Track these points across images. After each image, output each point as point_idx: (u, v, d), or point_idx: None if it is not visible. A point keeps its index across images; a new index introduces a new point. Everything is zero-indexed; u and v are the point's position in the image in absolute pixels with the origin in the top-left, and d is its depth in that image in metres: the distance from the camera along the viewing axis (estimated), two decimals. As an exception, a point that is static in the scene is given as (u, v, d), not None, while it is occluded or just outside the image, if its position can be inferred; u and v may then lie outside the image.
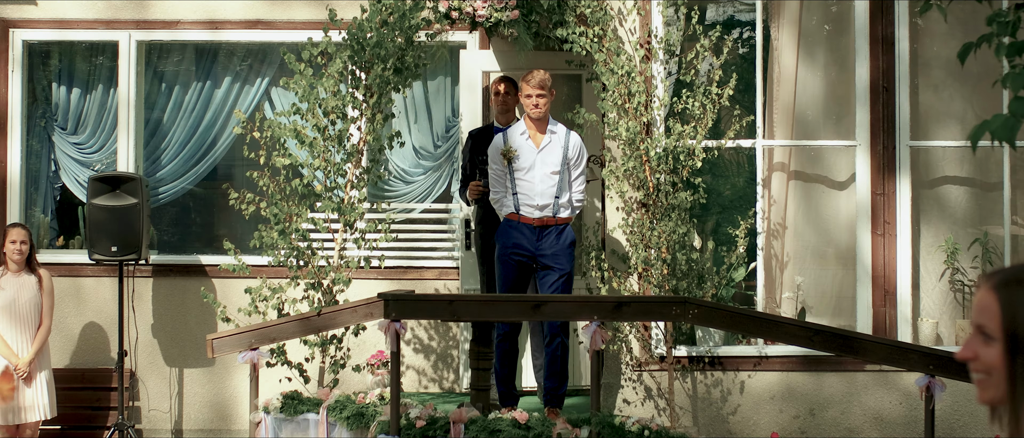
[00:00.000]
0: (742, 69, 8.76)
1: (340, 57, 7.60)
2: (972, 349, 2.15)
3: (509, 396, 7.63)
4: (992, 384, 2.13)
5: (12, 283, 7.97)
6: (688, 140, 7.80)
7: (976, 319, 2.15)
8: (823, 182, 8.45)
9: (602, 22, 7.75)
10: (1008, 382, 2.10)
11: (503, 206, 7.53)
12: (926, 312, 8.31)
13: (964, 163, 8.38)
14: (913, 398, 7.69)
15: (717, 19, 9.83)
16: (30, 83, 9.06)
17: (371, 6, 7.64)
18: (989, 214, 8.39)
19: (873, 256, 8.08)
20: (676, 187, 7.82)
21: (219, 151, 9.15)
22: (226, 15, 8.87)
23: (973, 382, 2.18)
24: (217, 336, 7.09)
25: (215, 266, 8.49)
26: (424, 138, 9.17)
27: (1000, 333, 2.11)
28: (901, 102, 8.12)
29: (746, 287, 8.60)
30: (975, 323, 2.15)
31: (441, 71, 9.17)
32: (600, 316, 6.77)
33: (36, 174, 9.14)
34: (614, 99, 7.77)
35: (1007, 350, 2.10)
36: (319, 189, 7.68)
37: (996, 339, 2.12)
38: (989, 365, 2.13)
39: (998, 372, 2.12)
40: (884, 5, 8.12)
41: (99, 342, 8.86)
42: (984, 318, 2.13)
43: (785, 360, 8.00)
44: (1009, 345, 2.10)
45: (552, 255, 7.44)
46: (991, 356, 2.13)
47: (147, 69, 9.09)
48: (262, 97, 9.11)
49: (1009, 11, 4.99)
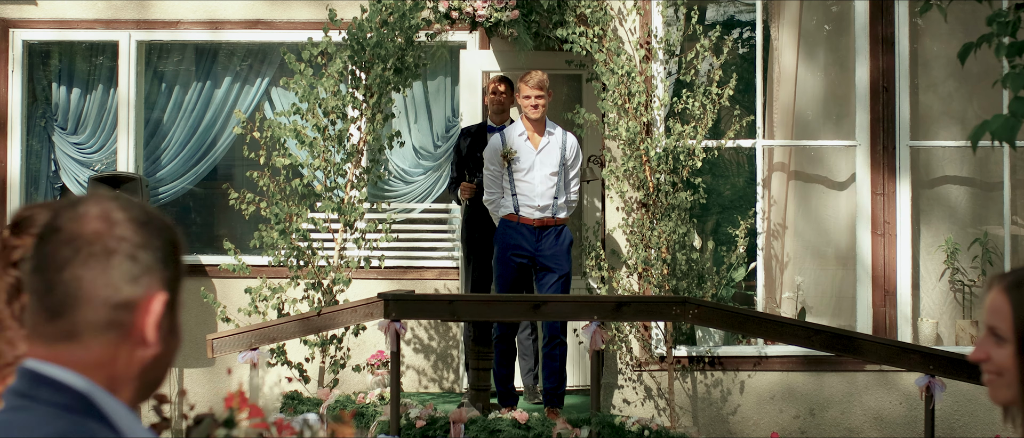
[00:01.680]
0: (742, 69, 8.76)
1: (340, 57, 7.60)
2: (984, 350, 2.16)
3: (509, 396, 7.63)
4: (1004, 384, 2.14)
5: (12, 283, 7.97)
6: (688, 140, 7.80)
7: (988, 320, 2.15)
8: (823, 182, 8.45)
9: (602, 22, 7.75)
10: (1020, 383, 2.11)
11: (500, 207, 7.52)
12: (926, 312, 8.32)
13: (964, 163, 8.38)
14: (913, 398, 7.69)
15: (717, 19, 9.84)
16: (30, 83, 9.06)
17: (371, 6, 7.64)
18: (989, 214, 8.39)
19: (873, 256, 8.08)
20: (676, 187, 7.82)
21: (219, 151, 9.15)
22: (226, 15, 8.87)
23: (985, 383, 2.18)
24: (217, 336, 7.09)
25: (215, 266, 8.49)
26: (424, 138, 9.17)
27: (1012, 334, 2.12)
28: (901, 102, 8.12)
29: (746, 287, 8.61)
30: (987, 324, 2.16)
31: (441, 71, 9.17)
32: (600, 316, 6.77)
33: (36, 174, 9.14)
34: (614, 99, 7.77)
35: (1019, 351, 2.11)
36: (319, 189, 7.68)
37: (1008, 340, 2.12)
38: (1001, 366, 2.13)
39: (1010, 373, 2.12)
40: (884, 5, 8.12)
41: (99, 342, 8.86)
42: (996, 319, 2.14)
43: (785, 360, 8.00)
44: (1021, 346, 2.10)
45: (551, 256, 7.44)
46: (1003, 357, 2.13)
47: (147, 69, 9.09)
48: (262, 97, 9.11)
49: (1009, 11, 4.99)
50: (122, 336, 1.64)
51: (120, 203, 1.67)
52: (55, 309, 1.62)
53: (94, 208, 1.64)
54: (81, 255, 1.62)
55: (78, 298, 1.62)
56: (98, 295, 1.62)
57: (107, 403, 1.62)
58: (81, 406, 1.60)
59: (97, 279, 1.62)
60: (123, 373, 1.64)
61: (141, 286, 1.64)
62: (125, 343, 1.64)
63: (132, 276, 1.63)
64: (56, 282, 1.62)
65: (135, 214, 1.66)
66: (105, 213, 1.64)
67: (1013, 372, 2.11)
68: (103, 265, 1.62)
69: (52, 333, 1.63)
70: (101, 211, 1.64)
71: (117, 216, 1.65)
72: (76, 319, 1.62)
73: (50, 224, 1.65)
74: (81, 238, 1.63)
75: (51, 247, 1.63)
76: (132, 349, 1.64)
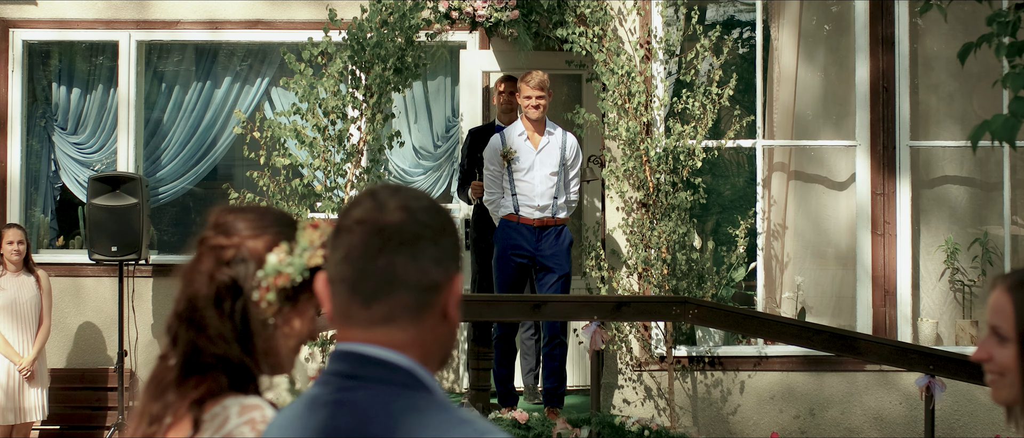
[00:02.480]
0: (742, 69, 8.76)
1: (340, 57, 7.60)
2: (987, 350, 2.16)
3: (509, 396, 7.63)
4: (1006, 384, 2.14)
5: (12, 284, 7.97)
6: (688, 140, 7.80)
7: (991, 320, 2.15)
8: (823, 182, 8.45)
9: (602, 22, 7.75)
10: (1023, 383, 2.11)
11: (500, 207, 7.53)
12: (926, 312, 8.32)
13: (964, 163, 8.38)
14: (913, 398, 7.69)
15: (717, 19, 9.84)
16: (30, 83, 9.06)
17: (371, 6, 7.64)
18: (989, 214, 8.39)
19: (873, 256, 8.08)
20: (676, 187, 7.82)
21: (219, 151, 9.15)
22: (226, 15, 8.86)
23: (987, 383, 2.18)
24: (217, 336, 7.08)
25: (215, 266, 8.48)
26: (424, 138, 9.17)
27: (1014, 334, 2.12)
28: (901, 102, 8.12)
29: (746, 287, 8.61)
30: (990, 324, 2.16)
31: (441, 71, 9.17)
32: (600, 316, 6.77)
33: (36, 174, 9.14)
34: (614, 99, 7.77)
35: (1022, 351, 2.11)
36: (319, 189, 7.68)
37: (1010, 340, 2.13)
38: (1003, 366, 2.14)
39: (1012, 373, 2.12)
40: (884, 5, 8.12)
41: (99, 342, 8.86)
42: (999, 319, 2.14)
43: (785, 360, 8.00)
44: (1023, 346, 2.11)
45: (551, 256, 7.44)
46: (1006, 357, 2.13)
47: (147, 69, 9.09)
48: (262, 97, 9.11)
49: (1009, 11, 4.99)
50: (431, 315, 1.77)
51: (412, 193, 1.79)
52: (370, 295, 1.76)
53: (392, 200, 1.78)
54: (391, 243, 1.75)
55: (392, 283, 1.75)
56: (410, 279, 1.75)
57: (426, 378, 1.77)
58: (411, 382, 1.75)
59: (408, 264, 1.75)
60: (431, 349, 1.78)
61: (443, 268, 1.78)
62: (433, 322, 1.78)
63: (436, 260, 1.77)
64: (369, 270, 1.75)
65: (427, 203, 1.80)
66: (404, 203, 1.78)
67: (1016, 372, 2.12)
68: (412, 251, 1.75)
69: (368, 318, 1.76)
70: (400, 202, 1.78)
71: (414, 205, 1.78)
72: (392, 303, 1.75)
73: (355, 218, 1.77)
74: (389, 227, 1.75)
75: (359, 238, 1.76)
76: (437, 327, 1.78)
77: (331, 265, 1.80)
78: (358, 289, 1.76)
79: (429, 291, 1.76)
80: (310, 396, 1.81)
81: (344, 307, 1.78)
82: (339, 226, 1.80)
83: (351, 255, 1.76)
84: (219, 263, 2.12)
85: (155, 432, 2.07)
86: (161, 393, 2.11)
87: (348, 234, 1.77)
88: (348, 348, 1.78)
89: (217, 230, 2.16)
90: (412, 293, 1.76)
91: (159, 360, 2.16)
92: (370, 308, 1.76)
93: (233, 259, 2.11)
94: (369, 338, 1.76)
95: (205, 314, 2.10)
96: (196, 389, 2.07)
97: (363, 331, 1.77)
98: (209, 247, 2.14)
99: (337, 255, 1.78)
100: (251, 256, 2.10)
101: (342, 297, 1.78)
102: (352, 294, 1.76)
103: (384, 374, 1.75)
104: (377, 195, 1.79)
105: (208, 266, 2.13)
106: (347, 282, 1.77)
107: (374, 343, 1.76)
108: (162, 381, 2.12)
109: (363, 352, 1.76)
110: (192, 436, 2.03)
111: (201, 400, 2.05)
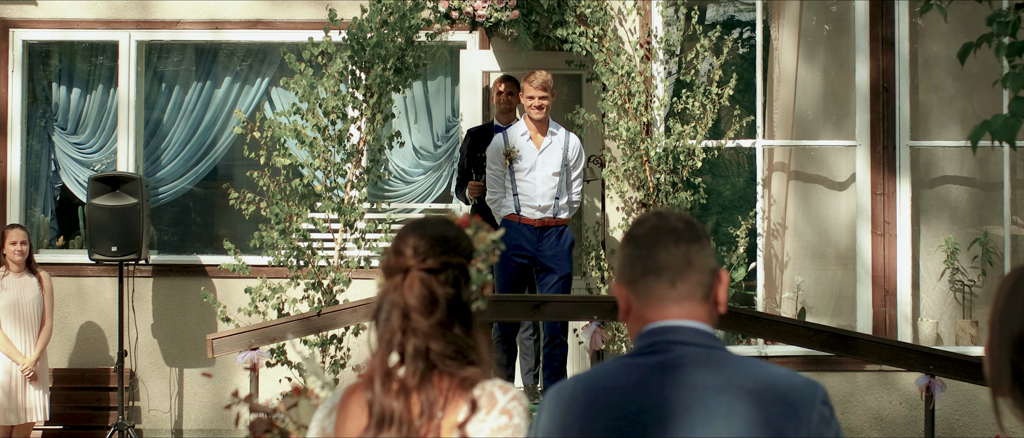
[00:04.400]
0: (742, 69, 8.76)
1: (340, 57, 7.60)
2: None
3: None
4: None
5: (14, 284, 7.97)
6: (688, 140, 7.80)
7: None
8: (823, 182, 8.45)
9: (602, 22, 7.75)
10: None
11: (501, 207, 7.53)
12: (926, 312, 8.32)
13: (964, 163, 8.38)
14: (913, 398, 7.69)
15: (717, 19, 9.84)
16: (30, 83, 9.06)
17: (371, 6, 7.64)
18: (989, 214, 8.39)
19: (873, 256, 8.08)
20: (676, 187, 7.82)
21: (219, 151, 9.15)
22: (226, 15, 8.87)
23: None
24: (217, 336, 7.09)
25: (215, 266, 8.49)
26: (424, 138, 9.17)
27: None
28: (901, 102, 8.12)
29: (746, 287, 8.61)
30: None
31: (441, 71, 9.17)
32: (600, 316, 6.77)
33: (36, 174, 9.14)
34: (614, 99, 7.77)
35: None
36: (319, 189, 7.67)
37: None
38: None
39: None
40: (884, 5, 8.12)
41: (99, 342, 8.86)
42: None
43: (785, 360, 8.00)
44: None
45: (552, 256, 7.44)
46: None
47: (147, 69, 9.09)
48: (262, 97, 9.11)
49: (1009, 11, 4.99)
50: (711, 297, 2.24)
51: (680, 212, 2.28)
52: (675, 278, 2.22)
53: (673, 214, 2.28)
54: (685, 238, 2.23)
55: (692, 268, 2.22)
56: (705, 266, 2.23)
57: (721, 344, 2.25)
58: (721, 345, 2.23)
59: (701, 254, 2.23)
60: (711, 323, 2.24)
61: (715, 261, 2.27)
62: (712, 303, 2.25)
63: (712, 253, 2.27)
64: (674, 258, 2.22)
65: (692, 218, 2.31)
66: (682, 216, 2.28)
67: None
68: (702, 245, 2.24)
69: (675, 297, 2.22)
70: (679, 215, 2.28)
71: (687, 218, 2.29)
72: (692, 283, 2.22)
73: (649, 226, 2.26)
74: (679, 229, 2.24)
75: (656, 237, 2.24)
76: (715, 307, 2.25)
77: (631, 267, 2.25)
78: (664, 275, 2.22)
79: (713, 277, 2.24)
80: (631, 362, 2.21)
81: (655, 292, 2.22)
82: (632, 235, 2.27)
83: (654, 251, 2.23)
84: (443, 284, 2.36)
85: (428, 419, 2.28)
86: (420, 386, 2.29)
87: (645, 237, 2.25)
88: (661, 324, 2.22)
89: (440, 244, 2.38)
90: (706, 277, 2.23)
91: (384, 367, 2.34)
92: (676, 288, 2.22)
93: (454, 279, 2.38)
94: (681, 314, 2.22)
95: (439, 319, 2.33)
96: (458, 377, 2.31)
97: (677, 306, 2.22)
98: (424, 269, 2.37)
99: (640, 252, 2.24)
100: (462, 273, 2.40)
101: (649, 285, 2.23)
102: (659, 279, 2.22)
103: (714, 341, 2.22)
104: (660, 213, 2.29)
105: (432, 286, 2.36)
106: (654, 271, 2.22)
107: (681, 318, 2.22)
108: (406, 383, 2.31)
109: (677, 324, 2.22)
110: (467, 416, 2.27)
111: (469, 384, 2.31)
